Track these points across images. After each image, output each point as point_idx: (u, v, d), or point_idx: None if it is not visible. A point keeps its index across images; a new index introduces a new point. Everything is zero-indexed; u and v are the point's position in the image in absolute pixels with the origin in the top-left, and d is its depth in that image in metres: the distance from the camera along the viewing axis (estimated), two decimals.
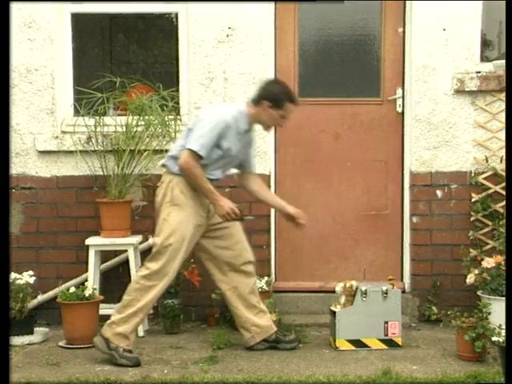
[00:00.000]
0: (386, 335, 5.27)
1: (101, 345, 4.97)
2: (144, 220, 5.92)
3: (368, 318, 5.24)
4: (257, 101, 5.06)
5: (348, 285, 5.31)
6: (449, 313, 5.28)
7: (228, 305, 5.32)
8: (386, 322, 5.26)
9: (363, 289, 5.27)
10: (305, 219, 5.27)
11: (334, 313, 5.28)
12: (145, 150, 5.74)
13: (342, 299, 5.31)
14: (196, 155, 4.89)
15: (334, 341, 5.26)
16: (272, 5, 6.00)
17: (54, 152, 5.96)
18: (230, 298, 5.26)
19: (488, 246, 5.86)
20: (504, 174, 5.60)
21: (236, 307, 5.25)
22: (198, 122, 5.01)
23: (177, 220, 4.96)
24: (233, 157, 5.09)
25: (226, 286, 5.25)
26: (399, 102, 6.06)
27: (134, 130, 5.69)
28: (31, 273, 5.56)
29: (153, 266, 4.96)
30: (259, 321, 5.24)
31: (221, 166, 5.09)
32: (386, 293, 5.27)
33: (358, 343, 5.25)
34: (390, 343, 5.26)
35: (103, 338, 4.97)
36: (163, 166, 5.13)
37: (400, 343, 5.27)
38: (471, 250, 5.85)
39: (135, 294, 4.97)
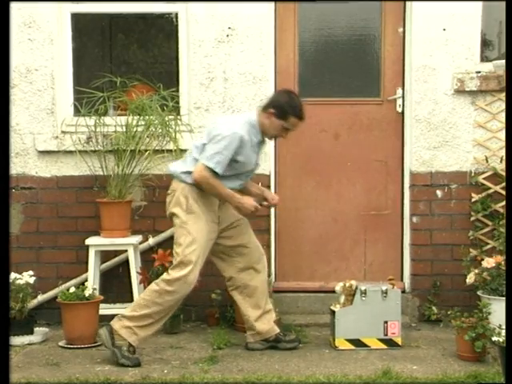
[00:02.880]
0: (386, 335, 5.27)
1: (105, 339, 4.95)
2: (144, 220, 5.92)
3: (368, 317, 5.24)
4: (265, 107, 5.07)
5: (348, 284, 5.31)
6: (449, 313, 5.28)
7: (235, 302, 5.32)
8: (386, 322, 5.26)
9: (363, 288, 5.27)
10: (276, 200, 5.33)
11: (333, 312, 5.28)
12: (145, 150, 5.73)
13: (342, 299, 5.31)
14: (211, 170, 4.90)
15: (334, 340, 5.26)
16: (272, 5, 6.00)
17: (54, 152, 5.96)
18: (236, 296, 5.27)
19: (488, 246, 5.86)
20: (504, 173, 5.60)
21: (242, 305, 5.26)
22: (212, 137, 4.96)
23: (195, 228, 4.95)
24: (249, 169, 5.14)
25: (236, 283, 5.25)
26: (399, 101, 6.06)
27: (134, 129, 5.69)
28: (31, 273, 5.56)
29: (176, 273, 4.94)
30: (260, 327, 5.24)
31: (238, 178, 5.12)
32: (386, 292, 5.27)
33: (357, 343, 5.25)
34: (389, 343, 5.26)
35: (109, 332, 4.95)
36: (171, 174, 5.10)
37: (400, 343, 5.27)
38: (471, 249, 5.85)
39: (153, 295, 4.96)
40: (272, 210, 6.02)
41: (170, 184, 5.13)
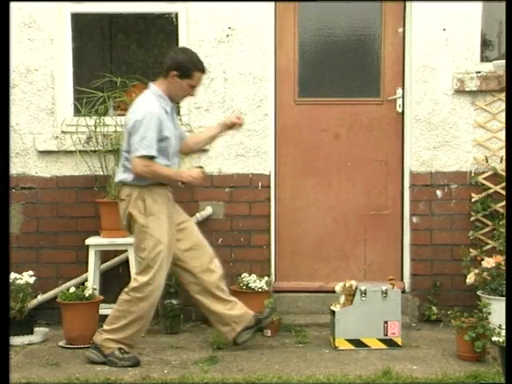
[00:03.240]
0: (386, 335, 5.27)
1: (96, 356, 4.95)
2: None
3: (367, 317, 5.24)
4: (165, 72, 4.99)
5: (348, 284, 5.31)
6: (449, 313, 5.27)
7: (201, 306, 5.25)
8: (386, 322, 5.26)
9: (363, 288, 5.27)
10: (240, 120, 5.28)
11: (333, 312, 5.28)
12: None
13: (342, 299, 5.31)
14: (147, 158, 4.83)
15: (334, 340, 5.26)
16: (272, 5, 6.00)
17: (53, 152, 5.96)
18: (203, 300, 5.20)
19: (488, 246, 5.86)
20: (504, 173, 5.60)
21: (210, 306, 5.19)
22: (131, 130, 4.87)
23: (156, 229, 4.92)
24: (176, 139, 5.05)
25: (197, 287, 5.18)
26: (399, 102, 6.06)
27: None
28: (31, 273, 5.56)
29: (143, 278, 4.92)
30: (235, 313, 5.20)
31: (174, 154, 5.03)
32: (386, 293, 5.27)
33: (357, 343, 5.24)
34: (389, 343, 5.26)
35: (95, 348, 4.96)
36: (121, 182, 5.01)
37: (400, 343, 5.27)
38: (471, 249, 5.85)
39: (126, 305, 4.94)
40: (272, 209, 6.03)
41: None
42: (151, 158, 4.84)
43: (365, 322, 5.25)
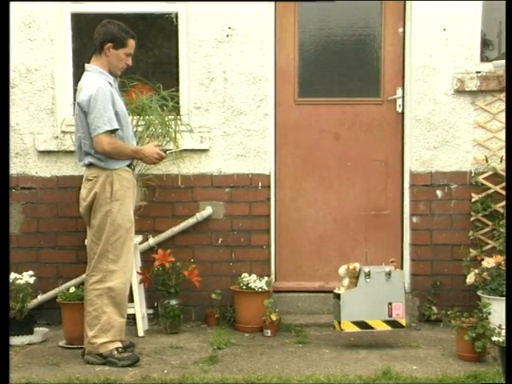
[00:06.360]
0: (391, 316, 5.26)
1: (95, 359, 4.94)
2: (144, 220, 5.91)
3: (372, 299, 5.24)
4: (99, 48, 4.99)
5: (351, 267, 5.31)
6: (449, 313, 5.28)
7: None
8: (390, 304, 5.25)
9: (366, 270, 5.26)
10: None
11: (337, 295, 5.27)
12: None
13: (346, 281, 5.30)
14: (109, 133, 4.85)
15: (339, 323, 5.24)
16: (272, 5, 6.00)
17: (53, 152, 5.97)
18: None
19: (488, 246, 5.86)
20: (504, 173, 5.60)
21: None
22: (87, 108, 4.85)
23: (120, 215, 4.93)
24: (125, 111, 5.08)
25: None
26: (399, 102, 6.06)
27: (134, 129, 5.68)
28: (31, 273, 5.56)
29: (103, 266, 4.91)
30: None
31: (126, 126, 5.04)
32: (390, 274, 5.26)
33: (363, 325, 5.24)
34: (394, 324, 5.26)
35: (90, 354, 4.96)
36: (89, 164, 4.96)
37: (404, 324, 5.27)
38: (471, 249, 5.85)
39: (99, 301, 4.91)
40: (272, 209, 6.03)
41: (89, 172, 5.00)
42: (114, 131, 4.86)
43: (369, 303, 5.24)
